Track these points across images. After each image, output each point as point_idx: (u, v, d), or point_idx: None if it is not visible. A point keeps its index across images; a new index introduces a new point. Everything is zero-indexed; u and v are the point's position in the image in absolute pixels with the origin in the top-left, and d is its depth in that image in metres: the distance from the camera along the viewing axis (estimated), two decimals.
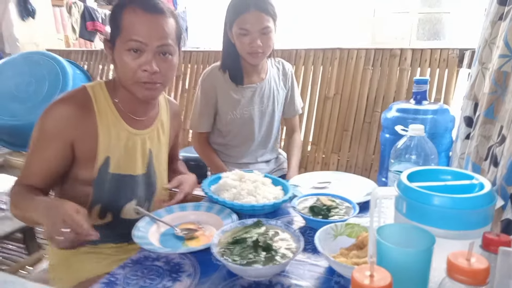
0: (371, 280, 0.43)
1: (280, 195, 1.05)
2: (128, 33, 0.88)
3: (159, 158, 1.08)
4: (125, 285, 0.72)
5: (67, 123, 0.89)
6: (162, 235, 0.90)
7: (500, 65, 0.91)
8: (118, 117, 0.97)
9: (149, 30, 0.88)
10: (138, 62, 0.89)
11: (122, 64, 0.90)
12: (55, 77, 2.75)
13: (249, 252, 0.74)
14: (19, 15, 3.57)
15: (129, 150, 0.99)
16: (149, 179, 1.06)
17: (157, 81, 0.92)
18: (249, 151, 1.52)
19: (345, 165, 1.97)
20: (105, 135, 0.94)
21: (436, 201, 0.57)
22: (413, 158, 0.94)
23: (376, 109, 1.88)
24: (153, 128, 1.05)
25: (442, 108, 1.35)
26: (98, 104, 0.94)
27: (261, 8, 1.24)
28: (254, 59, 1.33)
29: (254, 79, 1.43)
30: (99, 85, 0.97)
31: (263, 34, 1.27)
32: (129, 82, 0.92)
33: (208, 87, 1.41)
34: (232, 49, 1.34)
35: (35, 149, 0.92)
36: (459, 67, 1.73)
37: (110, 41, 0.93)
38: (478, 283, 0.43)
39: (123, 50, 0.89)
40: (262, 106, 1.46)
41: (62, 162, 0.92)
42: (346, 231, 0.82)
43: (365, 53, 1.92)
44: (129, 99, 0.97)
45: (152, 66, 0.89)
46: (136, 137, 1.00)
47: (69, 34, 4.29)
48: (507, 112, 0.84)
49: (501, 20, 0.99)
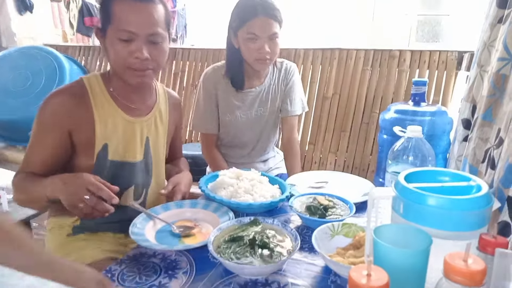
0: (368, 279, 0.43)
1: (277, 193, 1.05)
2: (119, 23, 0.90)
3: (156, 147, 1.10)
4: (121, 281, 0.72)
5: (62, 112, 0.93)
6: (158, 232, 0.89)
7: (499, 68, 0.91)
8: (114, 106, 0.99)
9: (139, 19, 0.91)
10: (128, 49, 0.91)
11: (113, 52, 0.93)
12: (52, 72, 2.73)
13: (246, 250, 0.74)
14: (16, 9, 3.55)
15: (127, 137, 1.01)
16: (146, 167, 1.08)
17: (148, 67, 0.95)
18: (246, 152, 1.51)
19: (343, 165, 1.97)
20: (102, 123, 0.97)
21: (433, 202, 0.57)
22: (411, 159, 0.95)
23: (374, 110, 1.89)
24: (150, 117, 1.07)
25: (440, 110, 1.36)
26: (93, 94, 0.97)
27: (269, 14, 1.24)
28: (261, 66, 1.31)
29: (254, 83, 1.42)
30: (95, 76, 1.00)
31: (271, 40, 1.27)
32: (121, 69, 0.95)
33: (210, 86, 1.40)
34: (236, 55, 1.33)
35: (35, 139, 0.95)
36: (457, 69, 1.74)
37: (101, 30, 0.95)
38: (475, 284, 0.43)
39: (114, 39, 0.91)
40: (261, 109, 1.45)
41: (61, 151, 0.95)
42: (343, 231, 0.82)
43: (364, 53, 1.93)
44: (123, 87, 1.00)
45: (143, 53, 0.92)
46: (134, 125, 1.02)
47: (66, 29, 4.26)
48: (505, 115, 0.84)
49: (501, 23, 0.99)
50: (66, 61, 2.81)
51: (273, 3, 1.26)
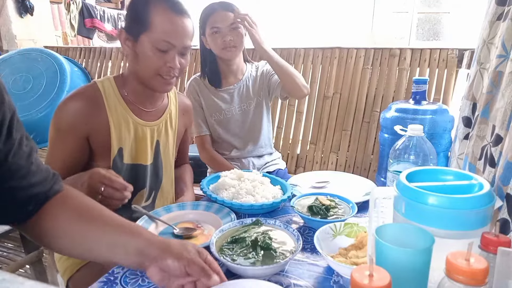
0: (370, 279, 0.43)
1: (278, 194, 1.05)
2: (159, 34, 0.93)
3: (166, 151, 1.12)
4: (124, 284, 0.72)
5: (79, 118, 0.94)
6: (160, 234, 0.89)
7: (497, 65, 0.91)
8: (127, 109, 1.01)
9: (179, 33, 0.95)
10: (164, 59, 0.95)
11: (146, 58, 0.95)
12: (52, 74, 2.73)
13: (248, 251, 0.74)
14: (17, 12, 3.55)
15: (139, 140, 1.03)
16: (156, 170, 1.10)
17: (176, 75, 0.99)
18: (238, 148, 1.56)
19: (344, 164, 1.97)
20: (116, 127, 0.98)
21: (435, 201, 0.57)
22: (412, 158, 0.95)
23: (375, 109, 1.89)
24: (161, 120, 1.09)
25: (441, 108, 1.35)
26: (107, 98, 0.98)
27: (227, 8, 1.39)
28: (228, 53, 1.41)
29: (231, 80, 1.53)
30: (108, 80, 1.01)
31: (233, 29, 1.39)
32: (150, 76, 0.97)
33: (194, 93, 1.52)
34: (208, 54, 1.47)
35: (53, 145, 0.97)
36: (458, 67, 1.73)
37: (130, 33, 0.96)
38: (477, 283, 0.43)
39: (150, 46, 0.93)
40: (244, 105, 1.54)
41: (80, 155, 0.97)
42: (345, 231, 0.82)
43: (364, 52, 1.93)
44: (139, 91, 1.02)
45: (176, 63, 0.96)
46: (145, 128, 1.04)
47: (67, 31, 4.26)
48: (498, 111, 0.84)
49: (500, 20, 0.99)
50: (67, 63, 2.81)
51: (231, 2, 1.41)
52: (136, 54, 0.96)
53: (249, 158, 1.58)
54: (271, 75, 1.53)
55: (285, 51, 2.09)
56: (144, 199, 1.10)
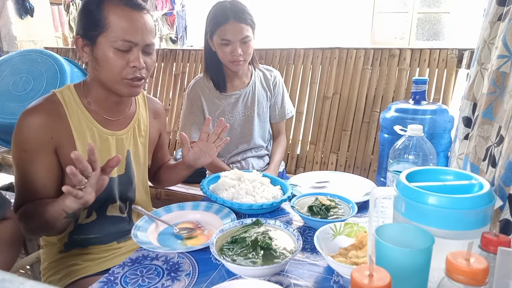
0: (370, 279, 0.43)
1: (278, 194, 1.05)
2: (118, 32, 0.86)
3: (137, 159, 1.06)
4: (124, 284, 0.72)
5: (43, 132, 0.87)
6: (160, 234, 0.90)
7: (499, 65, 0.91)
8: (90, 119, 0.95)
9: (139, 29, 0.88)
10: (126, 59, 0.88)
11: (107, 61, 0.88)
12: (52, 75, 2.73)
13: (248, 251, 0.74)
14: (17, 13, 3.56)
15: (103, 152, 0.96)
16: (129, 180, 1.04)
17: (143, 76, 0.92)
18: (238, 151, 1.54)
19: (344, 165, 1.97)
20: (80, 138, 0.93)
21: (435, 201, 0.57)
22: (412, 158, 0.95)
23: (375, 109, 1.89)
24: (129, 128, 1.03)
25: (441, 108, 1.35)
26: (69, 108, 0.92)
27: (239, 19, 1.29)
28: (236, 67, 1.37)
29: (237, 85, 1.48)
30: (68, 89, 0.95)
31: (243, 43, 1.32)
32: (115, 79, 0.90)
33: (194, 95, 1.46)
34: (214, 57, 1.39)
35: (23, 169, 0.89)
36: (458, 67, 1.73)
37: (87, 38, 0.89)
38: (477, 283, 0.43)
39: (109, 48, 0.87)
40: (247, 111, 1.50)
41: (56, 169, 0.91)
42: (345, 231, 0.82)
43: (364, 53, 1.93)
44: (103, 99, 0.96)
45: (141, 62, 0.90)
46: (111, 138, 0.98)
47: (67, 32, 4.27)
48: (505, 113, 0.84)
49: (500, 21, 0.99)
50: (66, 64, 2.81)
51: (244, 8, 1.32)
52: (96, 59, 0.89)
53: (249, 159, 1.57)
54: (277, 95, 1.54)
55: (285, 51, 2.09)
56: (118, 212, 1.03)
